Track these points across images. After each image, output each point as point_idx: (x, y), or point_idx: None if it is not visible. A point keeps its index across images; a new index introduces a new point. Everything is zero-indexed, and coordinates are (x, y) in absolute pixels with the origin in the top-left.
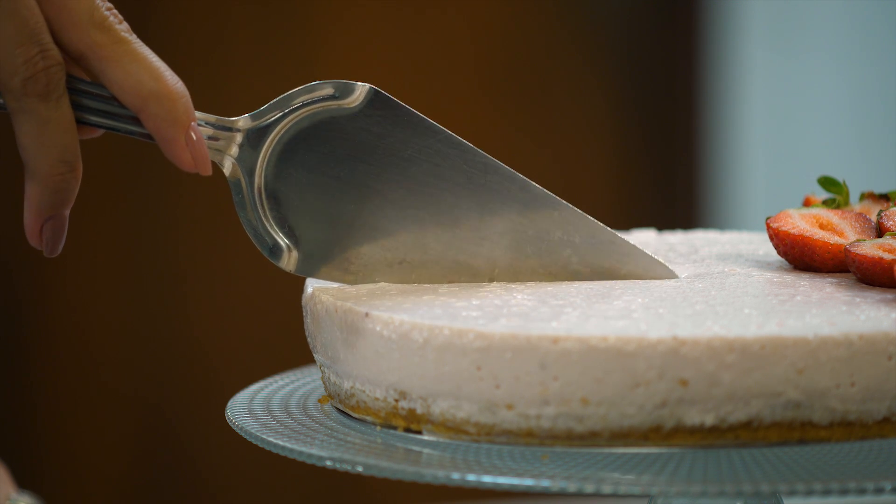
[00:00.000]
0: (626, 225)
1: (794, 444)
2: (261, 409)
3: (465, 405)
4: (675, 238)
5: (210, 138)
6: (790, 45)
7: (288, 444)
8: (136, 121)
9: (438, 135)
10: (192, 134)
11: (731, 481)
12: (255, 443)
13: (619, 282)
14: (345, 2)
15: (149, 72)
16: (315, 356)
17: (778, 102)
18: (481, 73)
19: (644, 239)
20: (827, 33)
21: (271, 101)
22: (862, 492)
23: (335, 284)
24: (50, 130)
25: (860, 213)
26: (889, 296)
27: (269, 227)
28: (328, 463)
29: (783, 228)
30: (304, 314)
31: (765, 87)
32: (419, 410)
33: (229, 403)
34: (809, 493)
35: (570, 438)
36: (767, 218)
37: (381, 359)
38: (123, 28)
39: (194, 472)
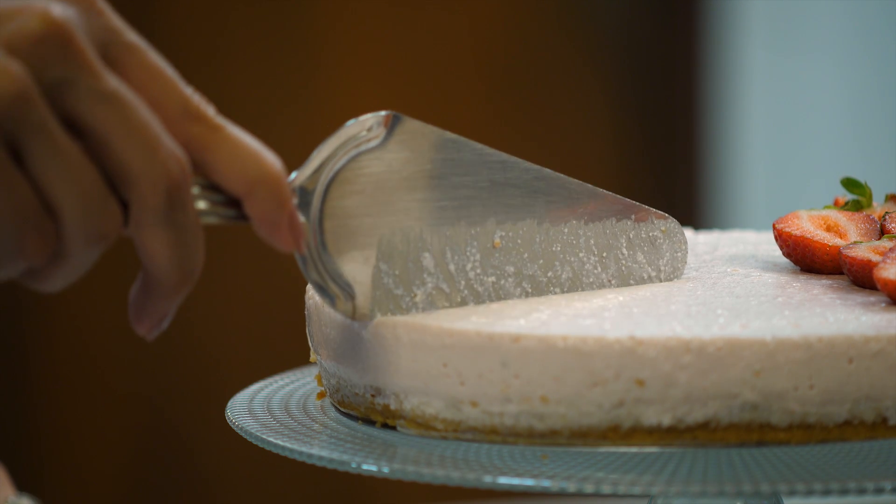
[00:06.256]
0: None
1: (752, 446)
2: (261, 409)
3: (434, 401)
4: (703, 237)
5: None
6: (790, 45)
7: (288, 444)
8: (231, 205)
9: (457, 144)
10: (292, 214)
11: (731, 481)
12: (255, 443)
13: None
14: (345, 2)
15: (251, 156)
16: (311, 352)
17: (778, 102)
18: (481, 73)
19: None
20: (827, 33)
21: (312, 154)
22: (862, 492)
23: None
24: (189, 239)
25: (868, 215)
26: (872, 298)
27: (328, 280)
28: (328, 463)
29: (786, 230)
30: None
31: (765, 87)
32: (393, 406)
33: (229, 403)
34: (809, 493)
35: (532, 436)
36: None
37: (358, 354)
38: (213, 112)
39: (194, 473)
